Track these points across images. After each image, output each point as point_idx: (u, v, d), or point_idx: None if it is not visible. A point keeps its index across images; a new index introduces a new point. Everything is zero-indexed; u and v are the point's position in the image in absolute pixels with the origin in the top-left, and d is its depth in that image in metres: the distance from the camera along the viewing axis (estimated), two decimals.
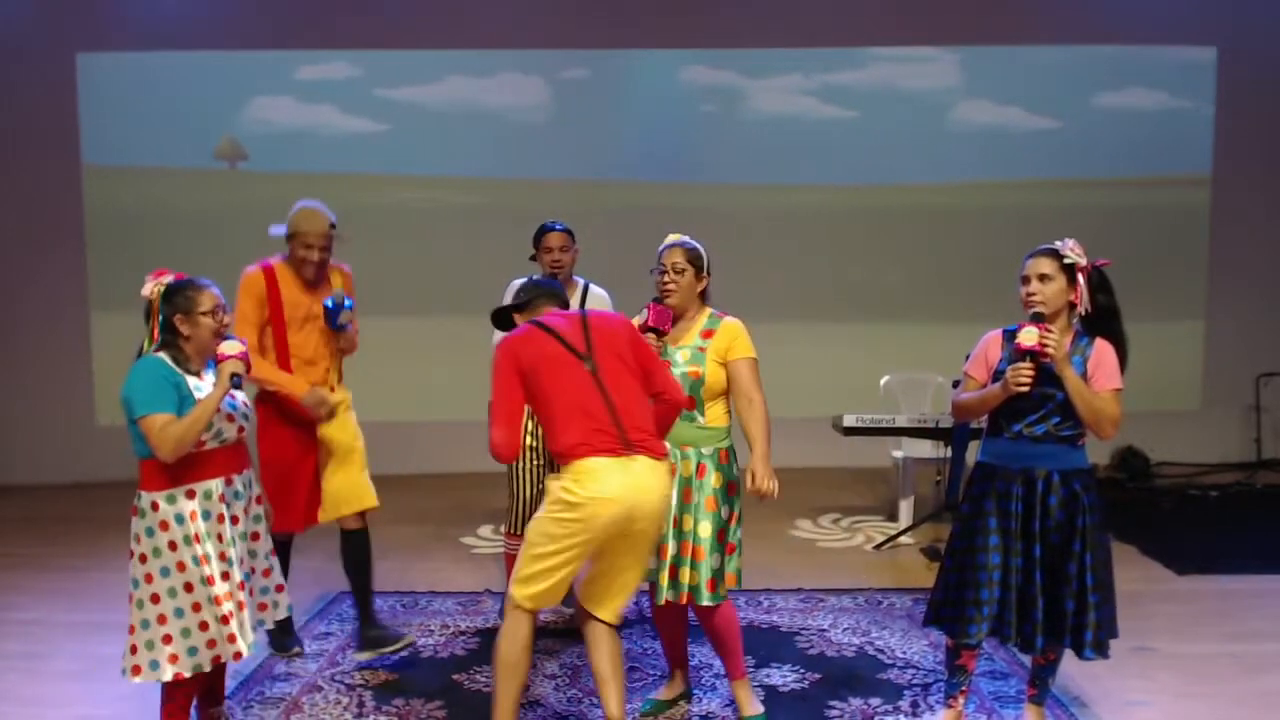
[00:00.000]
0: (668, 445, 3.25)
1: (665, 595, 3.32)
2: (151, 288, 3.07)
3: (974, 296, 6.31)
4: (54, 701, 3.80)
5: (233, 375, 3.02)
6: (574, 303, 4.36)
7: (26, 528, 6.15)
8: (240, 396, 3.17)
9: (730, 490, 3.38)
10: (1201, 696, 3.78)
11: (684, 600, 3.33)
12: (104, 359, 7.29)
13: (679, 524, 3.32)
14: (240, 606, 3.07)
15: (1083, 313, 3.19)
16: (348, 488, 4.04)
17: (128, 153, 7.31)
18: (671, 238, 3.52)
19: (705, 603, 3.31)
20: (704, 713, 3.65)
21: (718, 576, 3.32)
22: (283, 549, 4.10)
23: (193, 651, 3.01)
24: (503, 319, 3.36)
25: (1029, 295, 3.17)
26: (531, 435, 4.35)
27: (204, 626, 3.02)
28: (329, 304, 3.91)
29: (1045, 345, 3.06)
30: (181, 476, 3.02)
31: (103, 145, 7.30)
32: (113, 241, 7.30)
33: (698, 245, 3.50)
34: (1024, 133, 7.47)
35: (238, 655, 3.06)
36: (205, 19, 7.18)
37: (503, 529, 4.65)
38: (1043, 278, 3.16)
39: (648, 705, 3.66)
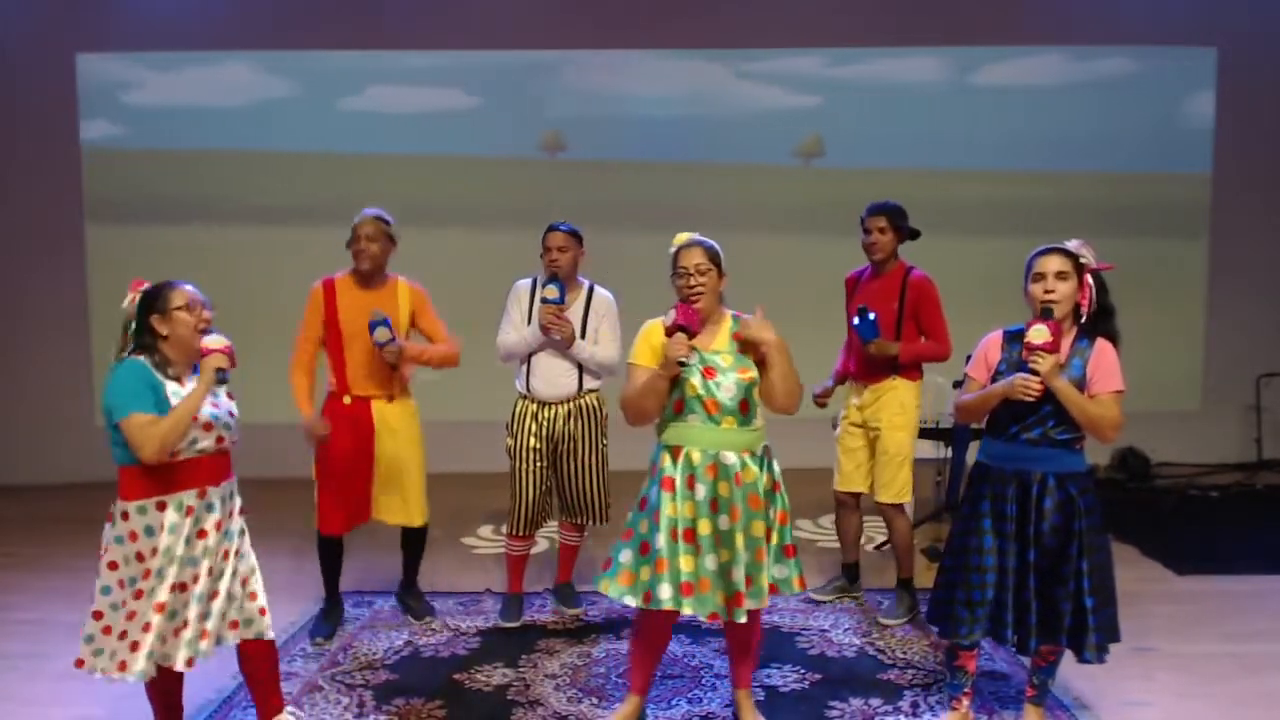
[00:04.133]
0: (730, 454, 3.23)
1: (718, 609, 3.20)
2: (130, 298, 3.07)
3: (974, 296, 6.29)
4: (54, 701, 3.81)
5: (217, 370, 2.95)
6: (578, 304, 4.36)
7: (26, 528, 6.14)
8: (225, 405, 3.06)
9: (776, 488, 3.33)
10: (1201, 696, 3.78)
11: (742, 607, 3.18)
12: (104, 360, 7.27)
13: (749, 531, 3.22)
14: (183, 624, 2.96)
15: (1085, 315, 3.19)
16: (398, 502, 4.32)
17: (127, 152, 7.30)
18: (684, 236, 3.32)
19: (759, 605, 3.24)
20: (704, 713, 3.65)
21: (779, 581, 3.32)
22: (330, 552, 4.32)
23: (150, 655, 2.94)
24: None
25: (1047, 293, 3.13)
26: (535, 436, 4.35)
27: (167, 632, 2.95)
28: (371, 323, 4.04)
29: (1035, 364, 3.06)
30: (155, 487, 2.94)
31: (102, 145, 7.29)
32: (112, 241, 7.30)
33: (714, 243, 3.33)
34: (1025, 131, 7.46)
35: (184, 668, 2.95)
36: (206, 19, 7.17)
37: (504, 529, 4.64)
38: (1060, 275, 3.13)
39: None
